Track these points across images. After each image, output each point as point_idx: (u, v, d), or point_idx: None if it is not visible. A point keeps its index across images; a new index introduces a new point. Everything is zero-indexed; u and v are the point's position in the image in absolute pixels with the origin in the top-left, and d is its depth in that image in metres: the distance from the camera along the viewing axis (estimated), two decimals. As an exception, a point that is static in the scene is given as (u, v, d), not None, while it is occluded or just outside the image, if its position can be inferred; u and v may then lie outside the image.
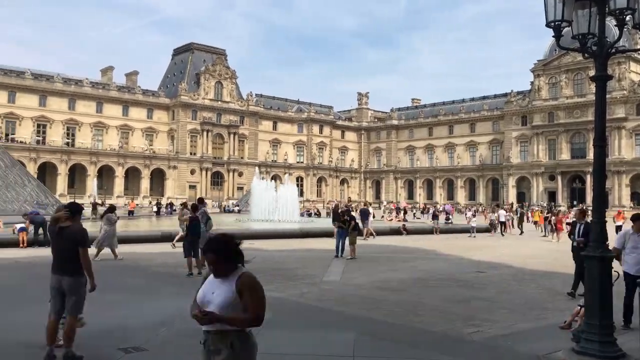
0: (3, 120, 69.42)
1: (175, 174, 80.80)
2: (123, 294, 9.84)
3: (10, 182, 32.58)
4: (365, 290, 10.76)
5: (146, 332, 7.03)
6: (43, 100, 72.88)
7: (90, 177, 72.60)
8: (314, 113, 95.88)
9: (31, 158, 68.47)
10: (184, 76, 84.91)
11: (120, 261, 14.63)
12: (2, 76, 70.22)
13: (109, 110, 78.00)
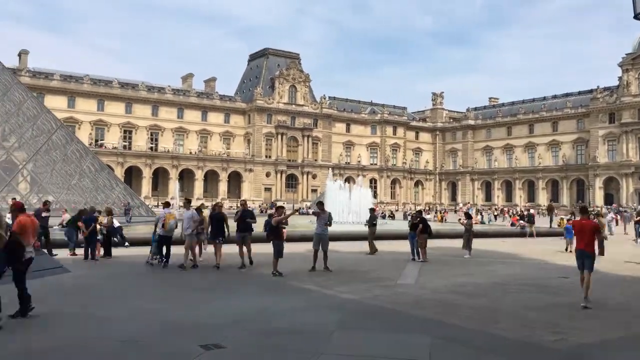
0: (93, 127, 73.91)
1: (251, 176, 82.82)
2: (202, 292, 10.20)
3: (100, 185, 34.61)
4: (441, 294, 10.54)
5: (225, 329, 7.24)
6: (129, 107, 77.02)
7: (172, 180, 75.83)
8: (387, 114, 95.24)
9: (118, 162, 72.51)
10: (259, 81, 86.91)
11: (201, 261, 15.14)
12: (92, 85, 74.83)
13: (189, 116, 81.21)
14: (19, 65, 72.32)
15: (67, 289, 10.41)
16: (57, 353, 6.12)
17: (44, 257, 11.84)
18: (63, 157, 32.95)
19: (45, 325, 7.42)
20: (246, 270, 13.29)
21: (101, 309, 8.54)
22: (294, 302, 9.38)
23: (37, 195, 34.21)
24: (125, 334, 6.94)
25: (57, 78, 72.51)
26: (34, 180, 33.68)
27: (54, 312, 8.24)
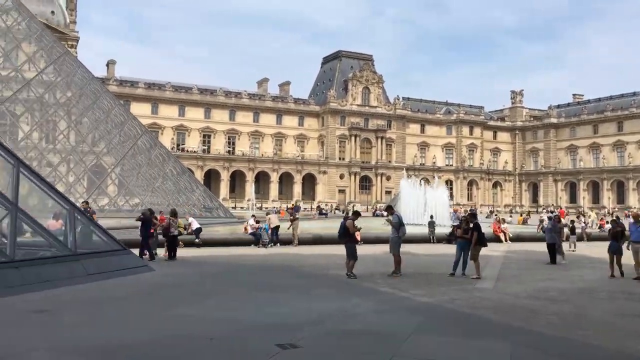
0: (175, 132, 77.19)
1: (325, 178, 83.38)
2: (278, 293, 10.36)
3: (182, 188, 36.05)
4: (522, 299, 10.13)
5: (300, 330, 7.31)
6: (208, 112, 79.81)
7: (248, 182, 77.75)
8: (463, 114, 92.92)
9: (198, 165, 75.27)
10: (333, 83, 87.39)
11: (279, 261, 15.41)
12: (173, 92, 78.19)
13: (264, 119, 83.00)
14: (107, 74, 76.79)
15: (148, 287, 10.89)
16: (134, 350, 6.41)
17: (131, 257, 12.47)
18: (147, 161, 34.62)
19: (126, 322, 7.79)
20: (320, 272, 13.37)
21: (181, 307, 8.86)
22: (369, 304, 9.33)
23: (125, 198, 36.14)
24: (203, 332, 7.16)
25: (141, 86, 76.36)
26: (121, 183, 35.57)
27: (132, 309, 8.65)
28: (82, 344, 6.42)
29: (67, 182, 34.29)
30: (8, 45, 32.84)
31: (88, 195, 32.64)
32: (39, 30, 33.47)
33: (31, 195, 12.03)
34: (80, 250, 11.23)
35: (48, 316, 7.86)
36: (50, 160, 35.65)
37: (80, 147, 35.35)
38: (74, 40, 70.28)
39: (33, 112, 34.01)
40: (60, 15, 71.46)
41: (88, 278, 10.61)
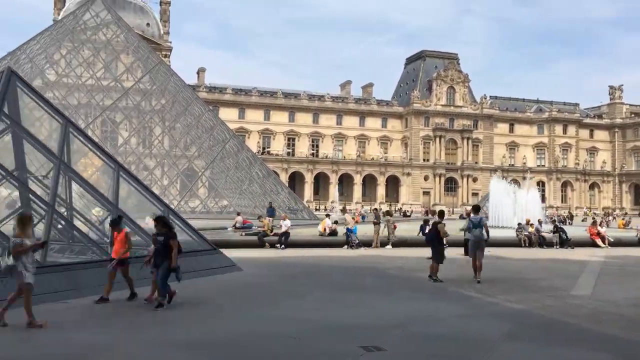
0: (261, 135, 79.35)
1: (409, 180, 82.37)
2: (361, 294, 10.36)
3: (267, 190, 36.98)
4: (621, 307, 9.48)
5: (385, 332, 7.27)
6: (292, 116, 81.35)
7: (332, 184, 78.34)
8: (556, 112, 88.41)
9: (283, 168, 76.89)
10: (416, 84, 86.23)
11: (366, 263, 15.41)
12: (259, 97, 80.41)
13: (347, 122, 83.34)
14: (198, 81, 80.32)
15: (237, 286, 11.25)
16: (224, 347, 6.64)
17: (220, 256, 12.94)
18: (235, 165, 35.83)
19: (217, 320, 8.09)
20: (405, 274, 13.22)
21: (267, 306, 9.09)
22: (454, 308, 9.12)
23: (214, 200, 37.61)
24: (288, 331, 7.30)
25: (229, 92, 79.19)
26: (211, 185, 37.05)
27: (222, 308, 8.96)
28: (177, 339, 6.76)
29: (161, 185, 36.21)
30: (108, 57, 35.25)
31: (181, 197, 34.29)
32: (135, 42, 35.67)
33: (130, 197, 12.81)
34: (174, 249, 11.78)
35: (144, 312, 8.33)
36: (146, 164, 37.81)
37: (173, 151, 37.21)
38: (168, 50, 74.17)
39: (131, 119, 36.25)
40: (155, 27, 75.65)
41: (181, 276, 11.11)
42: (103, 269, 9.95)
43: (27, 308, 7.00)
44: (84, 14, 34.45)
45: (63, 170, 10.54)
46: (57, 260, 10.36)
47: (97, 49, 34.87)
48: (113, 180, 11.30)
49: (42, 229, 10.13)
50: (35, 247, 7.22)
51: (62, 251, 11.28)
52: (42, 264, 8.93)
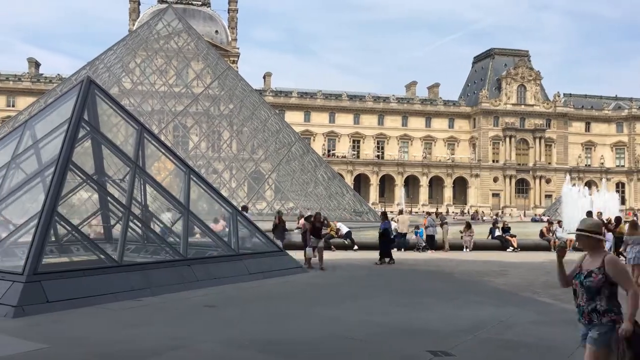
0: (326, 138, 79.78)
1: (477, 182, 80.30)
2: (427, 298, 10.17)
3: (332, 193, 37.10)
4: None
5: (454, 337, 7.11)
6: (357, 118, 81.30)
7: (397, 186, 77.62)
8: (636, 109, 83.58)
9: (348, 170, 76.95)
10: (484, 83, 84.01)
11: (428, 265, 15.17)
12: (324, 100, 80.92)
13: (412, 123, 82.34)
14: (264, 86, 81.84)
15: (303, 287, 11.34)
16: (291, 346, 6.70)
17: (287, 258, 13.11)
18: (301, 167, 36.19)
19: (283, 319, 8.18)
20: (473, 278, 12.89)
21: (331, 307, 9.10)
22: (527, 314, 8.78)
23: (280, 202, 38.14)
24: (352, 333, 7.28)
25: (295, 95, 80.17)
26: (277, 188, 37.58)
27: (289, 307, 9.06)
28: (244, 338, 6.89)
29: (230, 188, 37.10)
30: (180, 64, 36.58)
31: (248, 199, 35.00)
32: (205, 49, 36.82)
33: (200, 200, 13.20)
34: (242, 250, 12.07)
35: (216, 310, 8.56)
36: (215, 168, 38.88)
37: (241, 154, 38.06)
38: (235, 56, 76.06)
39: (201, 124, 37.42)
40: (223, 34, 77.78)
41: (250, 277, 11.36)
42: (175, 268, 10.33)
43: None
44: (156, 24, 35.96)
45: (138, 174, 11.01)
46: (133, 259, 10.82)
47: (169, 57, 36.26)
48: (184, 183, 11.69)
49: (119, 230, 10.63)
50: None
51: (138, 251, 11.78)
52: (119, 263, 9.36)
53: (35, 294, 7.88)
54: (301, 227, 25.11)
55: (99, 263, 9.39)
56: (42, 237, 8.44)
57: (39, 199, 9.33)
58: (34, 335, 6.59)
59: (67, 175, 9.49)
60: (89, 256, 10.15)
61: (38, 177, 10.03)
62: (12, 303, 7.58)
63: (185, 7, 75.28)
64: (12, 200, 10.04)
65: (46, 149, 10.57)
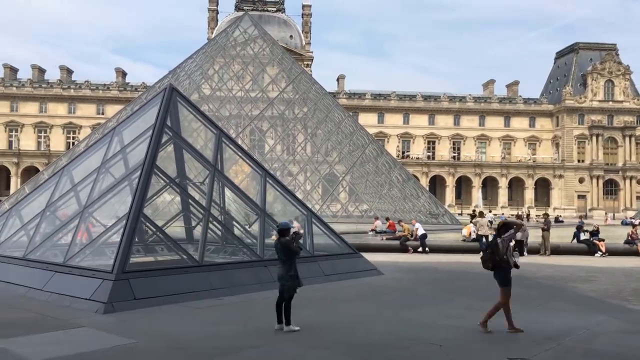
0: (400, 139, 78.94)
1: (561, 183, 76.64)
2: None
3: (407, 194, 36.68)
4: None
5: (534, 344, 6.83)
6: (432, 119, 79.87)
7: (474, 188, 75.51)
8: None
9: (423, 172, 75.72)
10: (568, 79, 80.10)
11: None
12: (398, 101, 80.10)
13: (490, 123, 79.83)
14: (337, 88, 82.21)
15: (378, 289, 11.27)
16: (360, 347, 6.67)
17: (361, 260, 13.10)
18: (375, 169, 36.07)
19: (357, 322, 8.16)
20: (558, 284, 12.30)
21: (406, 310, 8.98)
22: (616, 322, 8.28)
23: (354, 204, 38.19)
24: (429, 337, 7.15)
25: (368, 97, 79.96)
26: (351, 190, 37.67)
27: (363, 310, 9.02)
28: (319, 339, 6.95)
29: (304, 190, 37.59)
30: (256, 69, 37.55)
31: (322, 201, 35.32)
32: (280, 54, 37.57)
33: (276, 202, 13.47)
34: (317, 252, 12.18)
35: (292, 311, 8.67)
36: (290, 170, 39.53)
37: (315, 157, 38.47)
38: (309, 60, 77.02)
39: (276, 128, 38.19)
40: (297, 39, 78.98)
41: (324, 278, 11.45)
42: (253, 268, 10.59)
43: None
44: (234, 31, 37.12)
45: (217, 177, 11.39)
46: (213, 260, 11.20)
47: (245, 63, 37.31)
48: (260, 185, 11.97)
49: (199, 231, 11.04)
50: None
51: (217, 252, 12.19)
52: (200, 263, 9.72)
53: (123, 291, 8.34)
54: (375, 229, 25.14)
55: (182, 263, 9.80)
56: (129, 238, 8.92)
57: (126, 201, 9.86)
58: (123, 331, 6.97)
59: (151, 179, 9.98)
60: (172, 256, 10.62)
61: (125, 180, 10.61)
62: (103, 300, 8.07)
63: (261, 13, 77.12)
64: (103, 202, 10.67)
65: (132, 154, 11.16)
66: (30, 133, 75.45)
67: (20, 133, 75.08)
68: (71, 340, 6.61)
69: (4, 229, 12.00)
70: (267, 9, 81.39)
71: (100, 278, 8.51)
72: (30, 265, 9.93)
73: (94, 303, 8.09)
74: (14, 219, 12.30)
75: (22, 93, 76.07)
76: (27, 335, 6.73)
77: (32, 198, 12.92)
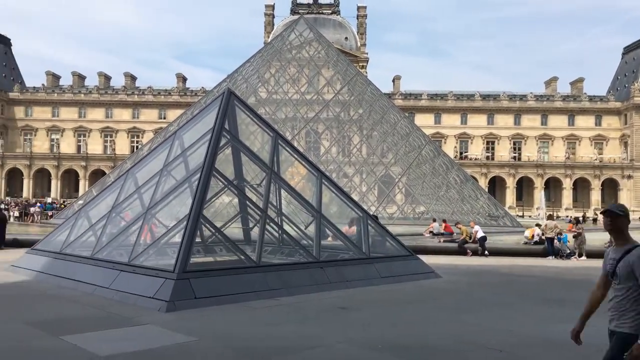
0: (457, 140, 77.44)
1: (630, 184, 73.04)
2: (568, 309, 9.41)
3: (465, 196, 35.91)
4: None
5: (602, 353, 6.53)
6: (491, 118, 77.93)
7: (537, 189, 73.06)
8: None
9: (482, 173, 73.94)
10: (637, 75, 76.27)
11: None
12: (455, 101, 78.64)
13: (553, 122, 77.10)
14: (393, 89, 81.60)
15: (434, 292, 11.08)
16: (424, 350, 6.57)
17: (418, 262, 12.93)
18: (431, 170, 35.53)
19: (414, 323, 8.05)
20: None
21: (463, 314, 8.77)
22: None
23: (411, 206, 37.75)
24: (488, 342, 6.96)
25: (425, 97, 78.92)
26: (407, 192, 37.25)
27: (420, 312, 8.89)
28: (378, 341, 6.91)
29: (360, 192, 37.49)
30: (311, 72, 37.80)
31: (378, 203, 35.11)
32: (335, 57, 37.68)
33: (331, 204, 13.50)
34: (373, 254, 12.12)
35: (349, 312, 8.69)
36: (346, 172, 39.54)
37: (370, 158, 38.30)
38: (364, 61, 76.86)
39: (331, 129, 38.32)
40: (353, 40, 78.99)
41: (380, 280, 11.38)
42: (309, 269, 10.65)
43: None
44: (289, 35, 37.54)
45: (273, 179, 11.55)
46: (270, 260, 11.35)
47: (301, 66, 37.64)
48: (316, 187, 12.04)
49: (256, 232, 11.21)
50: None
51: (274, 253, 12.33)
52: (257, 264, 9.87)
53: (184, 290, 8.58)
54: (432, 230, 24.76)
55: (240, 263, 9.98)
56: (190, 239, 9.16)
57: (187, 203, 10.14)
58: (184, 329, 7.17)
59: (210, 181, 10.22)
60: (230, 256, 10.84)
61: (186, 183, 10.92)
62: (165, 298, 8.32)
63: (316, 16, 77.64)
64: (164, 204, 11.02)
65: (192, 157, 11.47)
66: (97, 138, 78.98)
67: (88, 138, 78.72)
68: (137, 337, 6.86)
69: (74, 229, 12.59)
70: (322, 12, 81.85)
71: (163, 277, 8.79)
72: (97, 264, 10.37)
73: (157, 301, 8.36)
74: (83, 219, 12.88)
75: (89, 100, 79.77)
76: (96, 332, 7.03)
77: (99, 200, 13.50)
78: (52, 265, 11.53)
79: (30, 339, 6.64)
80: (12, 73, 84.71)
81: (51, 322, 7.47)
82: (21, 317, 7.78)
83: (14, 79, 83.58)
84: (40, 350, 6.17)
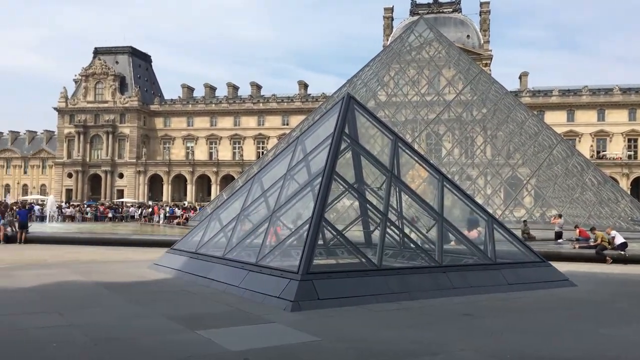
0: (594, 138, 71.64)
1: None
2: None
3: (604, 199, 33.13)
4: None
5: None
6: (632, 113, 71.37)
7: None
8: None
9: (623, 174, 67.81)
10: None
11: None
12: (591, 96, 72.90)
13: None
14: (520, 87, 77.58)
15: (570, 302, 10.33)
16: None
17: (550, 269, 12.15)
18: (564, 171, 33.22)
19: (546, 334, 7.57)
20: None
21: (606, 327, 8.09)
22: None
23: (541, 209, 35.56)
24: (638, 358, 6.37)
25: (555, 94, 74.09)
26: (537, 194, 35.20)
27: (548, 322, 8.33)
28: (505, 350, 6.61)
29: (484, 194, 36.06)
30: (431, 73, 37.14)
31: (505, 206, 33.53)
32: (456, 56, 36.67)
33: (454, 207, 13.15)
34: (499, 259, 11.60)
35: (473, 319, 8.40)
36: (469, 174, 38.23)
37: (496, 160, 36.70)
38: (488, 59, 73.99)
39: (453, 131, 37.26)
40: (475, 38, 76.41)
41: (508, 287, 10.86)
42: (431, 274, 10.46)
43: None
44: (409, 36, 37.20)
45: (394, 182, 11.50)
46: (391, 264, 11.31)
47: (420, 67, 37.11)
48: (438, 190, 11.79)
49: (377, 235, 11.24)
50: None
51: (395, 256, 12.27)
52: (378, 267, 9.88)
53: (308, 291, 8.83)
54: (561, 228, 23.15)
55: (361, 266, 10.06)
56: (312, 241, 9.42)
57: (309, 206, 10.44)
58: (308, 328, 7.38)
59: (331, 185, 10.44)
60: (351, 259, 10.97)
61: (308, 186, 11.24)
62: (290, 298, 8.63)
63: (437, 15, 76.17)
64: (288, 207, 11.43)
65: (314, 161, 11.79)
66: (227, 145, 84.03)
67: (219, 145, 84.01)
68: (265, 334, 7.20)
69: (207, 231, 13.49)
70: (443, 11, 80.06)
71: (288, 278, 9.12)
72: (228, 264, 11.02)
73: (283, 301, 8.69)
74: (215, 222, 13.76)
75: (219, 109, 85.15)
76: (227, 327, 7.47)
77: (229, 203, 14.34)
78: (188, 264, 12.45)
79: (171, 332, 7.21)
80: (152, 87, 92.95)
81: (188, 317, 8.05)
82: (162, 312, 8.48)
83: (154, 93, 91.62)
84: (179, 342, 6.68)
